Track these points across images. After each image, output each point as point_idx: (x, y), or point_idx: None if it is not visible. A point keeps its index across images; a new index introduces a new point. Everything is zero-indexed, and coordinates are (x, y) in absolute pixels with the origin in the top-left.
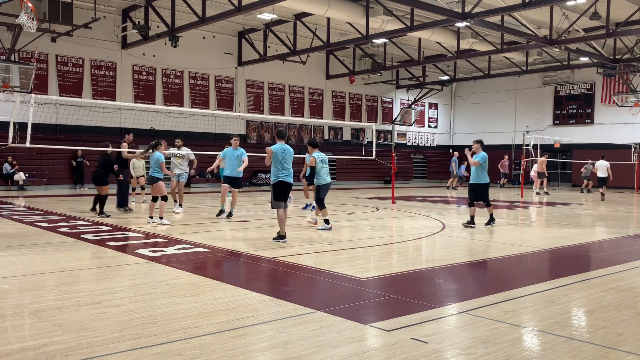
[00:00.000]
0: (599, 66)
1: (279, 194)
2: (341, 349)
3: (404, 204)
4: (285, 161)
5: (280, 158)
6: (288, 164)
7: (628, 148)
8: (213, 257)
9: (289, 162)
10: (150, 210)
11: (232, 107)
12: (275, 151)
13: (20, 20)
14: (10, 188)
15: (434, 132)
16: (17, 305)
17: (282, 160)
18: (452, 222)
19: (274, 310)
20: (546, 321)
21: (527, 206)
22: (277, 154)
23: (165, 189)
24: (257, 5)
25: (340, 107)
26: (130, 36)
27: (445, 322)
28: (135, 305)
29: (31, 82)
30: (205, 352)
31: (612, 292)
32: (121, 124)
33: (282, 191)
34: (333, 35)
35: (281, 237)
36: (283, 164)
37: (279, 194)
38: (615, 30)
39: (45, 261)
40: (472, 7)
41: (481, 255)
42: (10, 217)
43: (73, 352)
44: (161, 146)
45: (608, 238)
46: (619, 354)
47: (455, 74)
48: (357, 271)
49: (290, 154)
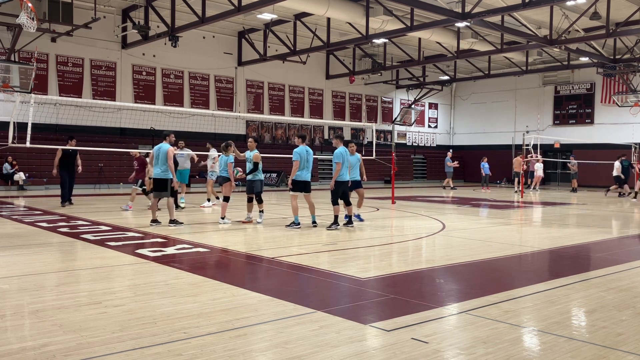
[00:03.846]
0: (599, 66)
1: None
2: (341, 349)
3: (404, 204)
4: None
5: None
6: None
7: (628, 148)
8: (213, 257)
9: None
10: (223, 210)
11: (232, 107)
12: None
13: (20, 20)
14: (10, 188)
15: (434, 132)
16: (17, 305)
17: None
18: (452, 222)
19: (274, 310)
20: (546, 321)
21: (527, 206)
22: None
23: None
24: (257, 5)
25: (340, 107)
26: (130, 36)
27: (445, 322)
28: (135, 305)
29: (31, 82)
30: (205, 352)
31: (612, 292)
32: (121, 124)
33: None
34: (333, 35)
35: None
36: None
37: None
38: (615, 30)
39: (45, 261)
40: (472, 7)
41: (481, 255)
42: (10, 217)
43: (73, 352)
44: (231, 147)
45: (608, 238)
46: (619, 354)
47: (455, 74)
48: (357, 271)
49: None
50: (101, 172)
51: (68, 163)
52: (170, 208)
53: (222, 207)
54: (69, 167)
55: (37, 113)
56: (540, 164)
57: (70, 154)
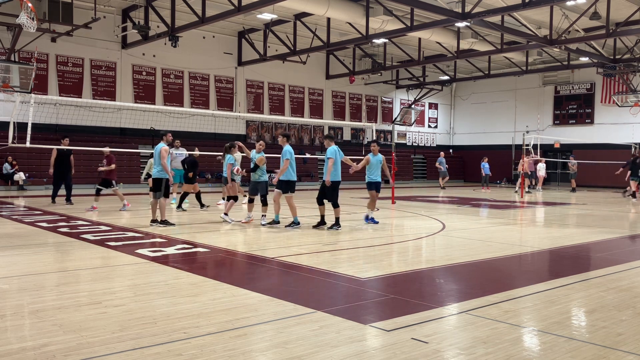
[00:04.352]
0: (599, 66)
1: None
2: (341, 349)
3: (404, 204)
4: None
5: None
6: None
7: (628, 148)
8: (213, 257)
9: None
10: (229, 207)
11: (232, 107)
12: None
13: (20, 20)
14: (10, 188)
15: (434, 132)
16: (17, 305)
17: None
18: (452, 222)
19: (274, 310)
20: (546, 321)
21: (527, 206)
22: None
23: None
24: (257, 5)
25: (340, 107)
26: (130, 36)
27: (445, 322)
28: (135, 305)
29: (31, 82)
30: (205, 352)
31: (612, 292)
32: (121, 124)
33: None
34: (333, 35)
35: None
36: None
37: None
38: (615, 30)
39: (45, 261)
40: (472, 7)
41: (481, 255)
42: (10, 217)
43: (73, 352)
44: (234, 148)
45: (608, 238)
46: (619, 354)
47: (455, 74)
48: (357, 271)
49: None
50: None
51: (62, 162)
52: (162, 208)
53: (230, 205)
54: (63, 166)
55: (37, 113)
56: (542, 164)
57: (64, 154)
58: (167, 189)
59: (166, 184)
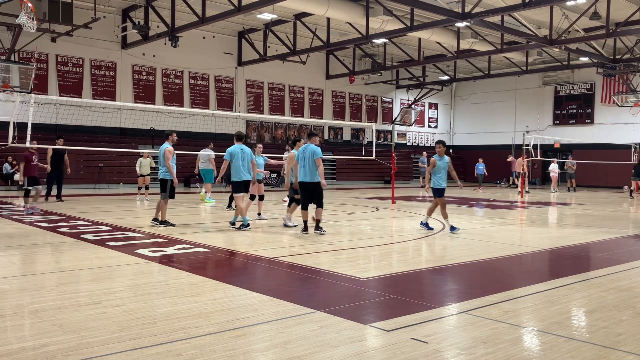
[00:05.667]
0: (599, 66)
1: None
2: (341, 349)
3: (404, 204)
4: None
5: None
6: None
7: (628, 148)
8: (213, 257)
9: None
10: (246, 208)
11: (232, 107)
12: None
13: (20, 20)
14: (10, 188)
15: (434, 132)
16: (17, 305)
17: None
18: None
19: (274, 310)
20: (546, 321)
21: (527, 206)
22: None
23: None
24: (257, 5)
25: (340, 107)
26: (130, 36)
27: (445, 322)
28: (135, 305)
29: (31, 82)
30: (205, 352)
31: (612, 292)
32: (121, 124)
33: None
34: (333, 35)
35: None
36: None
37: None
38: (615, 30)
39: (45, 261)
40: (472, 7)
41: (481, 255)
42: (10, 217)
43: (73, 352)
44: (256, 148)
45: (608, 238)
46: (619, 354)
47: (455, 74)
48: (357, 271)
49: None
50: (101, 172)
51: (57, 162)
52: (162, 209)
53: (247, 204)
54: (57, 165)
55: (37, 113)
56: (555, 164)
57: (59, 153)
58: (172, 190)
59: (171, 185)
